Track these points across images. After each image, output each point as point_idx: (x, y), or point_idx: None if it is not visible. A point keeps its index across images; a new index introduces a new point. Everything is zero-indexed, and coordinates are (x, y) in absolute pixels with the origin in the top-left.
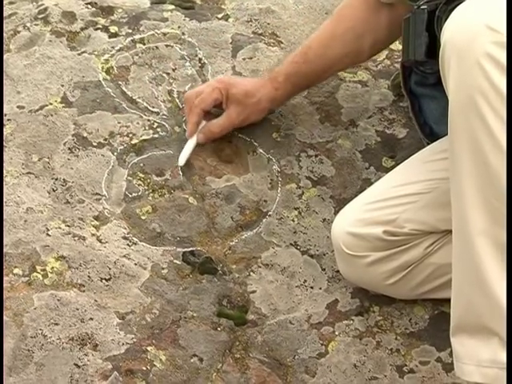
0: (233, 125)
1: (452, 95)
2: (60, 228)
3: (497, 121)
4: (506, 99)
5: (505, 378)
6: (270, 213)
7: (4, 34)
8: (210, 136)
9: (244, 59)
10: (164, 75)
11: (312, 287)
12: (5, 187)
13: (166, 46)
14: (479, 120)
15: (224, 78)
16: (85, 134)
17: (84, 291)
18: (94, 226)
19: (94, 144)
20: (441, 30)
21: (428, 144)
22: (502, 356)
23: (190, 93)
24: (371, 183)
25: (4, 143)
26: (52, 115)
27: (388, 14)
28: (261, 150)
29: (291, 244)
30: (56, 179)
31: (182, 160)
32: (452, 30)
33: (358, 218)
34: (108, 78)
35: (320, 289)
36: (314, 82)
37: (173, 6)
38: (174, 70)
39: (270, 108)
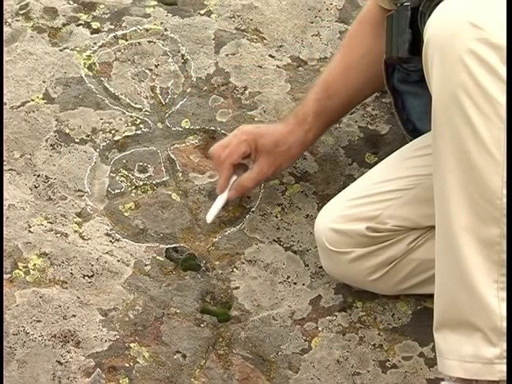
0: (266, 177)
1: (435, 92)
2: (42, 225)
3: (480, 118)
4: (489, 96)
5: (487, 373)
6: (253, 209)
7: None
8: (242, 192)
9: (227, 55)
10: (147, 71)
11: (295, 283)
12: None
13: (149, 42)
14: (462, 117)
15: (249, 129)
16: (67, 131)
17: (66, 288)
18: (76, 223)
19: (77, 140)
20: (424, 25)
21: (411, 140)
22: (485, 351)
23: (217, 146)
24: (354, 179)
25: None
26: (34, 111)
27: None
28: None
29: (274, 240)
30: (38, 176)
31: (210, 217)
32: (435, 26)
33: (341, 214)
34: (90, 74)
35: (303, 285)
36: (341, 115)
37: (155, 2)
38: (156, 66)
39: (300, 152)
